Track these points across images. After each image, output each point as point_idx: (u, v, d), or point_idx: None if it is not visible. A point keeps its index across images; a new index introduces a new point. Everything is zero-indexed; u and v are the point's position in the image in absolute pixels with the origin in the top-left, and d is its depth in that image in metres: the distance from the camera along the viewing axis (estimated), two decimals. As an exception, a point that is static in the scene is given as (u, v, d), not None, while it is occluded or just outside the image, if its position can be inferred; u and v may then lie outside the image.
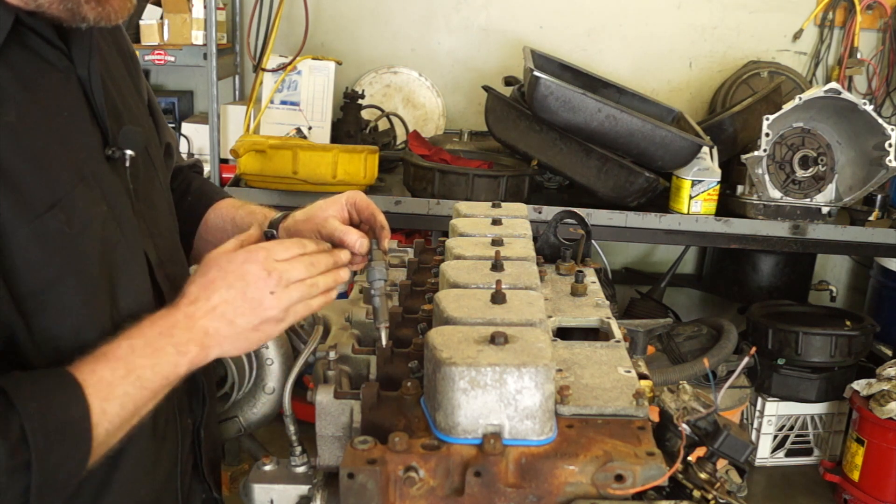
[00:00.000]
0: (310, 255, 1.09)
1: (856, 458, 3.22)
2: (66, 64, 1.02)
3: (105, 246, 1.00)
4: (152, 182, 1.18)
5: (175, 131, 3.64)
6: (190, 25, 3.38)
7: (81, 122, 1.02)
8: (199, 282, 1.04)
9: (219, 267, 1.04)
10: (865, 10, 3.87)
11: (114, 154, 1.05)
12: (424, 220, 2.97)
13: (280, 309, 1.04)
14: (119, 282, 1.02)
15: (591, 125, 2.88)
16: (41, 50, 0.99)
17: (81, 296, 0.97)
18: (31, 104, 0.95)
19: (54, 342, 0.96)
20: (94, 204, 1.00)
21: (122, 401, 0.93)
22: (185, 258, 1.29)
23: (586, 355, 1.11)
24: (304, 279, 1.07)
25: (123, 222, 1.05)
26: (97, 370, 0.92)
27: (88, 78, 1.03)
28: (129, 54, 1.24)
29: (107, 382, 0.92)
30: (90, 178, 1.00)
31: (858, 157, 3.06)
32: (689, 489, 0.97)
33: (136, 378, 0.94)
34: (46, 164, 0.94)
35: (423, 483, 0.88)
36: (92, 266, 0.98)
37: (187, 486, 1.22)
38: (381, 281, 1.20)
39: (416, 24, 3.93)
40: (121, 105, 1.12)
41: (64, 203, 0.95)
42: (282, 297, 1.04)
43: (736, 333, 3.23)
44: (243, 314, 1.03)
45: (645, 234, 3.09)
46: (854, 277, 4.32)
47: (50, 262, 0.93)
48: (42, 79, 0.98)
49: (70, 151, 0.99)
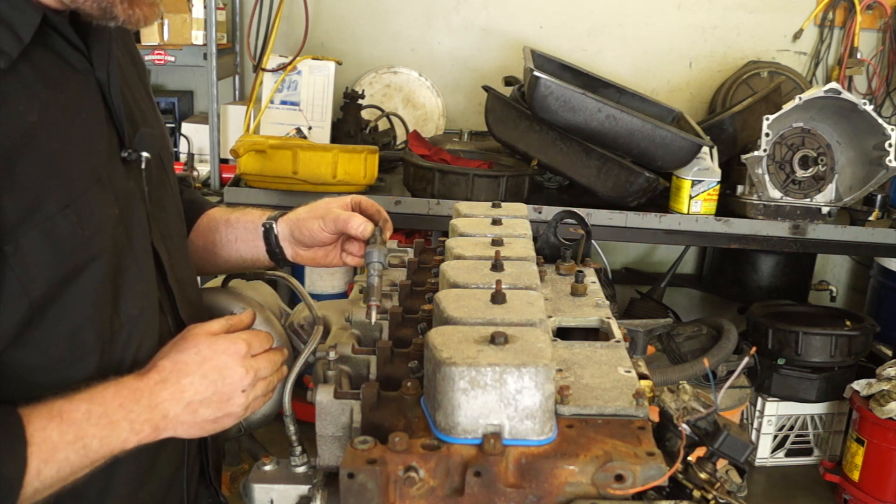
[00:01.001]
0: (273, 352, 1.12)
1: (856, 458, 3.22)
2: (85, 66, 1.02)
3: (113, 249, 1.00)
4: (164, 186, 1.19)
5: (175, 131, 3.64)
6: (190, 25, 3.37)
7: (99, 124, 1.02)
8: (174, 358, 1.03)
9: (197, 350, 1.03)
10: (865, 10, 3.87)
11: (130, 156, 1.05)
12: (424, 220, 2.96)
13: (244, 407, 1.06)
14: (122, 286, 1.02)
15: (591, 125, 2.88)
16: (63, 51, 0.99)
17: (85, 299, 0.96)
18: (53, 105, 0.95)
19: (47, 343, 0.95)
20: (107, 206, 0.99)
21: (60, 465, 0.91)
22: (192, 262, 1.29)
23: (586, 355, 1.11)
24: (268, 377, 1.09)
25: (133, 226, 1.05)
26: (48, 428, 0.90)
27: (107, 80, 1.03)
28: (139, 62, 1.25)
29: (52, 444, 0.90)
30: (105, 179, 1.00)
31: (858, 157, 3.05)
32: (689, 489, 0.97)
33: (82, 446, 0.92)
34: (62, 165, 0.94)
35: (423, 483, 0.88)
36: (98, 270, 0.97)
37: (194, 491, 1.22)
38: (379, 264, 1.23)
39: (416, 24, 3.93)
40: (136, 109, 1.13)
41: (77, 204, 0.94)
42: (249, 395, 1.06)
43: (736, 333, 3.23)
44: (209, 406, 1.02)
45: (645, 234, 3.09)
46: (854, 277, 4.32)
47: (59, 263, 0.93)
48: (63, 79, 0.98)
49: (87, 153, 0.99)
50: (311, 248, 1.36)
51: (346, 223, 1.28)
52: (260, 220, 1.37)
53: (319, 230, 1.31)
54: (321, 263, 1.38)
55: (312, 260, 1.37)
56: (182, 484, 1.18)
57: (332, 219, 1.29)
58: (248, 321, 1.16)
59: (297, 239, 1.34)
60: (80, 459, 0.93)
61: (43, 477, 0.90)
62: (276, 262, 1.37)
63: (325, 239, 1.32)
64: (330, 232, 1.31)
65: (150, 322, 1.07)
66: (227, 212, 1.42)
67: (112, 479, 1.03)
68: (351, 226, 1.27)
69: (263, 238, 1.35)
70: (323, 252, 1.37)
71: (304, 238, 1.33)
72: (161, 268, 1.12)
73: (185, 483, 1.18)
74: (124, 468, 1.04)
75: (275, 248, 1.35)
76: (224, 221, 1.39)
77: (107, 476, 1.01)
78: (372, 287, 1.21)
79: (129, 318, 1.03)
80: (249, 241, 1.37)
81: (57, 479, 0.92)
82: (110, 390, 0.96)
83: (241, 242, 1.38)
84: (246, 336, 1.08)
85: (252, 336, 1.09)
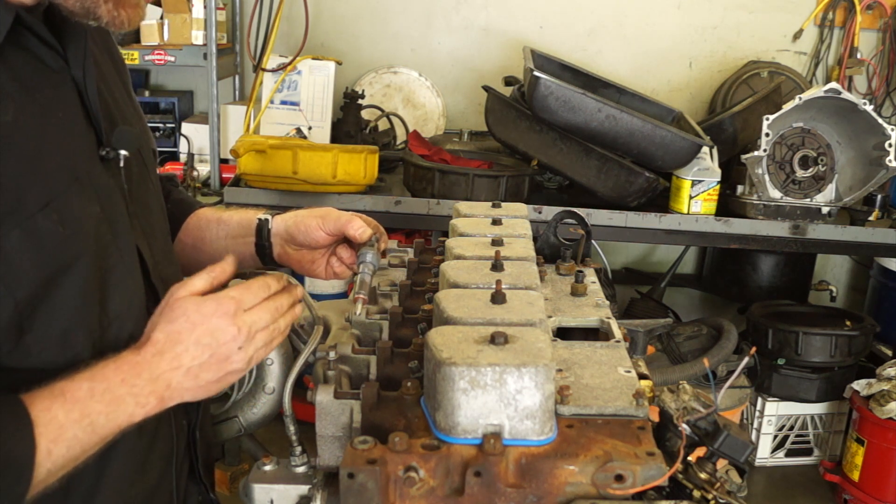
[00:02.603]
0: (273, 298, 1.09)
1: (856, 458, 3.22)
2: (60, 64, 1.02)
3: (97, 247, 1.00)
4: (146, 183, 1.18)
5: (175, 131, 3.64)
6: (190, 25, 3.38)
7: (76, 123, 1.02)
8: (166, 329, 1.02)
9: (186, 317, 1.02)
10: (865, 10, 3.87)
11: (108, 154, 1.05)
12: (424, 220, 2.96)
13: (245, 361, 1.05)
14: (109, 284, 1.02)
15: (591, 125, 2.88)
16: (37, 50, 0.98)
17: (72, 298, 0.96)
18: (28, 104, 0.95)
19: (41, 345, 0.95)
20: (88, 204, 0.99)
21: (69, 444, 0.91)
22: (177, 259, 1.29)
23: (586, 355, 1.11)
24: (268, 325, 1.07)
25: (116, 223, 1.05)
26: (52, 409, 0.90)
27: (83, 79, 1.03)
28: (119, 60, 1.25)
29: (58, 424, 0.90)
30: (84, 178, 1.00)
31: (858, 157, 3.05)
32: (689, 489, 0.97)
33: (89, 423, 0.92)
34: (40, 164, 0.94)
35: (423, 483, 0.88)
36: (84, 267, 0.97)
37: (183, 488, 1.22)
38: (371, 265, 1.27)
39: (416, 24, 3.93)
40: (114, 107, 1.12)
41: (57, 203, 0.94)
42: (248, 350, 1.04)
43: (736, 333, 3.23)
44: (209, 369, 1.02)
45: (645, 234, 3.09)
46: (854, 277, 4.32)
47: (44, 262, 0.93)
48: (38, 79, 0.98)
49: (64, 151, 0.99)
50: (301, 250, 1.37)
51: (347, 224, 1.30)
52: (255, 216, 1.38)
53: (317, 228, 1.32)
54: (306, 269, 1.39)
55: (298, 263, 1.38)
56: (171, 481, 1.18)
57: (332, 218, 1.31)
58: (230, 269, 1.12)
59: (291, 235, 1.35)
60: (88, 437, 0.93)
61: (54, 457, 0.90)
62: (262, 259, 1.38)
63: (320, 239, 1.33)
64: (327, 231, 1.32)
65: (139, 318, 1.07)
66: (220, 210, 1.43)
67: (102, 477, 1.03)
68: (351, 226, 1.30)
69: (256, 232, 1.36)
70: (311, 257, 1.37)
71: (299, 234, 1.34)
72: (144, 265, 1.11)
73: (174, 480, 1.18)
74: (115, 465, 1.04)
75: (264, 243, 1.36)
76: (216, 220, 1.40)
77: (97, 473, 1.01)
78: (363, 283, 1.25)
79: (118, 315, 1.03)
80: (239, 238, 1.38)
81: (68, 459, 0.92)
82: (110, 367, 0.96)
83: (230, 239, 1.38)
84: (235, 293, 1.05)
85: (242, 291, 1.06)
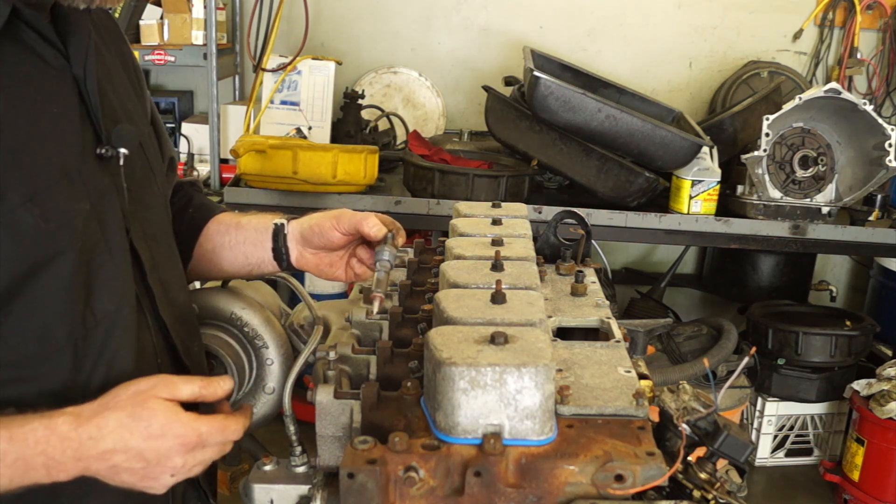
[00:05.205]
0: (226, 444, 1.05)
1: (856, 458, 3.22)
2: (61, 62, 1.01)
3: (84, 244, 0.99)
4: (148, 184, 1.18)
5: (175, 131, 3.64)
6: (190, 25, 3.38)
7: (71, 120, 1.02)
8: (122, 421, 0.95)
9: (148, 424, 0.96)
10: (865, 10, 3.87)
11: (107, 153, 1.05)
12: (424, 220, 2.96)
13: (166, 488, 1.01)
14: (95, 282, 1.01)
15: (591, 125, 2.88)
16: (36, 46, 0.98)
17: (52, 293, 0.96)
18: (20, 98, 0.95)
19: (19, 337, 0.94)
20: (76, 201, 0.99)
21: None
22: (180, 262, 1.28)
23: (586, 355, 1.11)
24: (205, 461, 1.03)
25: (107, 222, 1.04)
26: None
27: (84, 77, 1.03)
28: (130, 62, 1.24)
29: None
30: (75, 175, 1.00)
31: (858, 157, 3.05)
32: (689, 489, 0.97)
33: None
34: (27, 159, 0.94)
35: (423, 483, 0.88)
36: (67, 264, 0.97)
37: (181, 493, 1.21)
38: (388, 262, 1.27)
39: (416, 24, 3.93)
40: (119, 108, 1.12)
41: (41, 197, 0.94)
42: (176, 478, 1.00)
43: (736, 333, 3.24)
44: (132, 476, 0.98)
45: (645, 234, 3.09)
46: (854, 277, 4.32)
47: (22, 256, 0.92)
48: (34, 74, 0.98)
49: (55, 147, 0.98)
50: (319, 254, 1.35)
51: (362, 222, 1.29)
52: (271, 220, 1.37)
53: (332, 228, 1.30)
54: (325, 273, 1.37)
55: (316, 267, 1.36)
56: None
57: (347, 218, 1.30)
58: (224, 392, 1.07)
59: (306, 238, 1.34)
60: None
61: None
62: (279, 264, 1.37)
63: (336, 239, 1.32)
64: (342, 231, 1.30)
65: (129, 319, 1.06)
66: (239, 216, 1.42)
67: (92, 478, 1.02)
68: (366, 224, 1.28)
69: (272, 237, 1.35)
70: (329, 260, 1.36)
71: (315, 237, 1.32)
72: (141, 266, 1.11)
73: None
74: None
75: (281, 248, 1.35)
76: (234, 225, 1.39)
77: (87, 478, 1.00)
78: (379, 281, 1.24)
79: (105, 314, 1.02)
80: (258, 243, 1.36)
81: None
82: (39, 431, 0.91)
83: (248, 244, 1.37)
84: (205, 427, 1.00)
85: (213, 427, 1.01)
